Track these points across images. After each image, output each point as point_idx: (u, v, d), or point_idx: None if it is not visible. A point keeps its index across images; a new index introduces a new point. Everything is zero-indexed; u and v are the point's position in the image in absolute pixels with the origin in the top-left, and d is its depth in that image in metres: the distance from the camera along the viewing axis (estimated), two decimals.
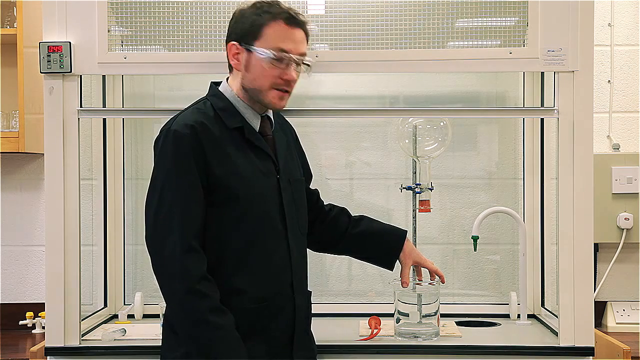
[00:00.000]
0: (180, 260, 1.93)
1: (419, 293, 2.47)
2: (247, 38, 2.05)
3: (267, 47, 2.03)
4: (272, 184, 2.10)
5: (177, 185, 1.97)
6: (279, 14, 2.04)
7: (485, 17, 2.37)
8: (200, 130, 1.99)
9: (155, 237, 1.98)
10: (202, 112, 2.05)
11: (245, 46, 2.05)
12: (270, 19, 2.04)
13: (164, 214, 1.96)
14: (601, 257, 3.09)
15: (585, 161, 2.33)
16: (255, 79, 2.06)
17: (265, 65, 2.04)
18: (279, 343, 2.08)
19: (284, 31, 2.04)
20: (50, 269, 2.35)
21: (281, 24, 2.04)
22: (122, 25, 2.38)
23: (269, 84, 2.06)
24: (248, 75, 2.07)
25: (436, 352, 2.36)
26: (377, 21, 2.36)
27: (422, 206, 2.58)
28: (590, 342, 2.33)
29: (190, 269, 1.93)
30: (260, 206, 2.05)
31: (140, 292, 2.87)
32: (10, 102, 2.97)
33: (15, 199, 3.13)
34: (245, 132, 2.08)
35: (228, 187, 2.00)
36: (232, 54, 2.08)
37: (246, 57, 2.06)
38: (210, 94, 2.13)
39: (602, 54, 3.08)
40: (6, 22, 2.94)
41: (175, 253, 1.93)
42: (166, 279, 1.95)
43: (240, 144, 2.06)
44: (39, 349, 2.49)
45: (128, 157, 2.99)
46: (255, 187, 2.05)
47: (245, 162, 2.05)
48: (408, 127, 2.62)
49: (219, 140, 2.02)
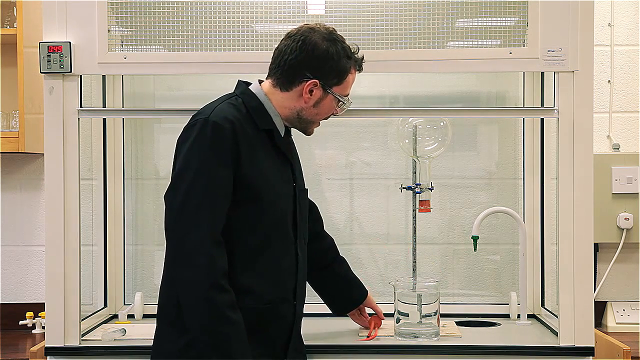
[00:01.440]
0: (209, 252, 1.91)
1: (419, 293, 2.47)
2: (331, 81, 2.08)
3: (342, 92, 2.11)
4: (289, 191, 2.13)
5: (212, 177, 1.95)
6: (358, 61, 2.12)
7: (485, 17, 2.37)
8: (238, 126, 1.99)
9: (181, 224, 1.94)
10: (237, 109, 2.05)
11: (325, 87, 2.08)
12: (352, 66, 2.11)
13: (194, 204, 1.93)
14: (601, 257, 3.09)
15: (585, 161, 2.33)
16: (318, 115, 2.13)
17: (334, 107, 2.13)
18: (276, 347, 2.10)
19: (354, 78, 2.14)
20: (50, 269, 2.35)
21: (354, 72, 2.13)
22: (122, 25, 2.38)
23: (322, 119, 2.16)
24: (313, 110, 2.11)
25: (436, 352, 2.36)
26: (377, 21, 2.36)
27: (422, 206, 2.58)
28: (590, 342, 2.33)
29: (217, 262, 1.92)
30: (277, 211, 2.07)
31: (140, 292, 2.87)
32: (10, 102, 2.96)
33: (15, 199, 3.13)
34: (274, 135, 2.10)
35: (253, 187, 2.01)
36: (307, 89, 2.07)
37: (320, 96, 2.09)
38: (241, 92, 2.12)
39: (602, 54, 3.07)
40: (6, 22, 2.94)
41: (204, 244, 1.91)
42: (190, 268, 1.92)
43: (267, 146, 2.08)
44: (39, 349, 2.49)
45: (128, 157, 2.98)
46: (277, 191, 2.07)
47: (270, 165, 2.07)
48: (408, 127, 2.62)
49: (252, 139, 2.02)
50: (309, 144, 3.03)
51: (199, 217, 1.92)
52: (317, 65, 2.06)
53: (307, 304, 2.25)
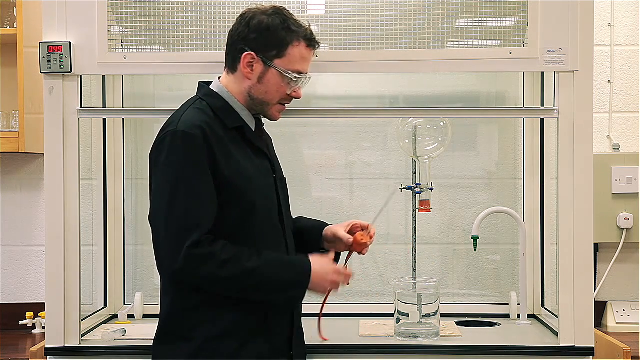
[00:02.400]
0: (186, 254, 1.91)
1: (419, 293, 2.47)
2: (269, 53, 2.04)
3: (288, 67, 2.05)
4: (270, 182, 2.12)
5: (192, 185, 1.94)
6: (303, 35, 2.07)
7: (485, 17, 2.37)
8: (208, 130, 1.98)
9: (170, 244, 1.93)
10: (203, 112, 2.04)
11: (265, 60, 2.05)
12: (295, 39, 2.05)
13: (179, 214, 1.93)
14: (601, 257, 3.09)
15: (585, 161, 2.33)
16: (268, 93, 2.08)
17: (282, 84, 2.07)
18: (280, 342, 2.09)
19: (305, 54, 2.09)
20: (50, 269, 2.35)
21: (303, 46, 2.07)
22: (122, 25, 2.38)
23: (277, 99, 2.09)
24: (260, 87, 2.07)
25: (436, 352, 2.36)
26: (377, 21, 2.36)
27: (422, 206, 2.58)
28: (590, 342, 2.33)
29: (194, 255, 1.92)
30: (262, 205, 2.06)
31: (140, 292, 2.87)
32: (10, 102, 2.96)
33: (15, 199, 3.13)
34: (245, 131, 2.09)
35: (235, 187, 2.00)
36: (245, 62, 2.05)
37: (262, 70, 2.06)
38: (204, 94, 2.11)
39: (602, 54, 3.07)
40: (6, 22, 2.94)
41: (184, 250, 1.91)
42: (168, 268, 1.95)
43: (240, 143, 2.07)
44: (39, 349, 2.49)
45: (128, 157, 2.98)
46: (258, 186, 2.06)
47: (247, 161, 2.06)
48: (408, 127, 2.62)
49: (224, 140, 2.01)
50: (309, 143, 3.03)
51: (187, 234, 1.91)
52: (253, 37, 2.03)
53: (307, 304, 2.25)
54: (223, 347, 1.99)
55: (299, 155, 3.02)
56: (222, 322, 2.00)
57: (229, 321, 2.00)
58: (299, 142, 3.04)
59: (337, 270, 2.08)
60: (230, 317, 2.00)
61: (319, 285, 2.05)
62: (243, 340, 2.01)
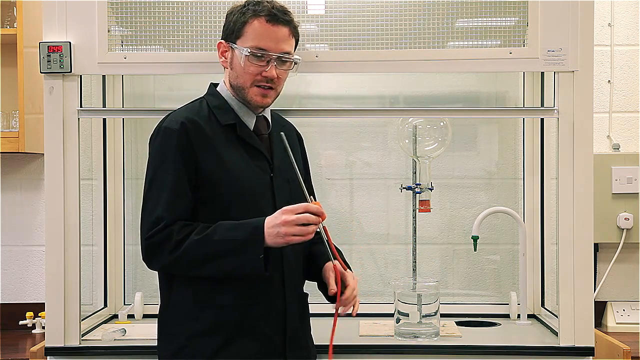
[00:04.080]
0: (144, 241, 2.01)
1: (419, 293, 2.47)
2: (232, 36, 2.08)
3: (247, 45, 2.05)
4: (264, 182, 2.09)
5: (163, 179, 2.00)
6: (261, 11, 2.05)
7: (485, 17, 2.37)
8: (189, 126, 2.01)
9: (143, 228, 2.03)
10: (195, 110, 2.08)
11: (230, 44, 2.08)
12: (251, 17, 2.06)
13: (150, 208, 2.01)
14: (601, 257, 3.09)
15: (585, 161, 2.33)
16: (238, 77, 2.09)
17: (244, 63, 2.06)
18: (272, 342, 2.07)
19: (264, 29, 2.05)
20: (50, 269, 2.35)
21: (262, 22, 2.05)
22: (122, 25, 2.38)
23: (250, 81, 2.08)
24: (232, 72, 2.10)
25: (436, 352, 2.36)
26: (377, 21, 2.36)
27: (422, 206, 2.58)
28: (590, 342, 2.33)
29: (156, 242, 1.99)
30: (248, 203, 2.04)
31: (140, 292, 2.87)
32: (10, 102, 2.96)
33: (15, 199, 3.13)
34: (237, 129, 2.09)
35: (214, 182, 2.02)
36: (220, 52, 2.11)
37: (231, 55, 2.10)
38: (208, 93, 2.16)
39: (602, 54, 3.08)
40: (6, 22, 2.94)
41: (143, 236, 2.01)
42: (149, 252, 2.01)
43: (232, 141, 2.07)
44: (39, 349, 2.49)
45: (128, 157, 2.99)
46: (243, 183, 2.05)
47: (236, 159, 2.05)
48: (408, 127, 2.62)
49: (210, 137, 2.04)
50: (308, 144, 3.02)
51: (148, 227, 2.00)
52: (223, 28, 2.12)
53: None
54: (207, 343, 2.00)
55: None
56: (207, 319, 2.01)
57: (212, 317, 2.01)
58: None
59: (288, 209, 1.93)
60: (214, 313, 2.01)
61: (273, 232, 1.92)
62: (227, 337, 2.01)
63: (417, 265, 2.62)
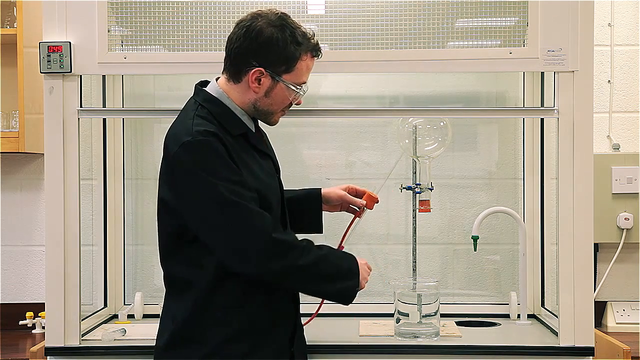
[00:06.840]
0: (271, 237, 1.94)
1: (419, 293, 2.47)
2: (279, 69, 2.01)
3: (297, 81, 2.04)
4: (275, 184, 2.13)
5: (234, 182, 1.93)
6: (310, 47, 2.04)
7: (485, 17, 2.37)
8: (221, 136, 1.95)
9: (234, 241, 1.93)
10: (207, 120, 2.00)
11: (273, 75, 2.02)
12: (303, 53, 2.03)
13: (235, 217, 1.93)
14: (601, 257, 3.09)
15: (585, 161, 2.33)
16: (273, 105, 2.07)
17: (289, 96, 2.06)
18: (283, 342, 2.09)
19: (310, 65, 2.08)
20: (50, 269, 2.35)
21: (309, 58, 2.06)
22: (122, 25, 2.38)
23: (281, 109, 2.10)
24: (266, 100, 2.05)
25: (436, 352, 2.36)
26: (377, 21, 2.36)
27: (422, 206, 2.58)
28: (590, 342, 2.33)
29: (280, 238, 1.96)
30: (272, 206, 2.06)
31: (140, 292, 2.87)
32: (10, 102, 2.97)
33: (15, 199, 3.13)
34: (249, 137, 2.08)
35: (257, 190, 1.99)
36: (254, 77, 2.01)
37: (270, 84, 2.03)
38: (203, 99, 2.06)
39: (602, 54, 3.08)
40: (6, 22, 2.94)
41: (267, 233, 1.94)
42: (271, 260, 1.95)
43: (247, 149, 2.06)
44: (39, 349, 2.49)
45: (128, 157, 2.98)
46: (269, 188, 2.06)
47: (256, 165, 2.05)
48: (408, 127, 2.62)
49: (233, 145, 1.99)
50: (309, 143, 3.03)
51: (249, 222, 1.94)
52: (261, 52, 1.99)
53: (307, 303, 2.25)
54: (235, 349, 1.99)
55: (298, 155, 3.02)
56: (235, 324, 2.00)
57: (240, 323, 2.00)
58: (299, 142, 3.04)
59: (367, 264, 2.16)
60: (242, 319, 2.00)
61: (365, 274, 2.12)
62: (254, 341, 2.01)
63: (417, 265, 2.62)
